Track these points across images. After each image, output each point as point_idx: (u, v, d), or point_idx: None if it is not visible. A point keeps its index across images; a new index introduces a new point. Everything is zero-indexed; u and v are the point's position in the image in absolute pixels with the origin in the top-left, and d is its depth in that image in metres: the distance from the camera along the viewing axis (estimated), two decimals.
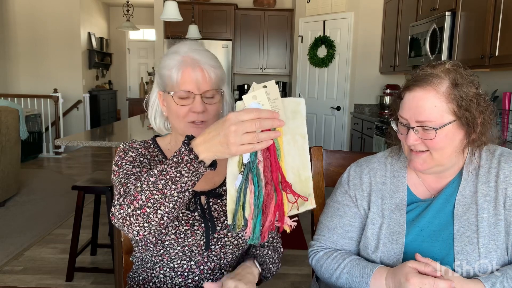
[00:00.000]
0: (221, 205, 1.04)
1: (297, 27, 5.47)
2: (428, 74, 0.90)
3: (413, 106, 0.90)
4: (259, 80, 4.21)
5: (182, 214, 1.00)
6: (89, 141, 2.43)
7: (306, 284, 2.43)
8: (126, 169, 0.95)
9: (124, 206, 0.80)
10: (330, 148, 3.33)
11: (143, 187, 0.79)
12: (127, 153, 0.99)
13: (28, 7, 6.85)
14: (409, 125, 0.91)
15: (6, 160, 3.80)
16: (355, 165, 1.09)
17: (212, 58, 0.99)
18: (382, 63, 4.79)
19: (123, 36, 8.95)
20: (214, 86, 0.98)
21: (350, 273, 0.96)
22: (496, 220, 0.91)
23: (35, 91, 6.69)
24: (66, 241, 2.96)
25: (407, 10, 4.03)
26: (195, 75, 0.94)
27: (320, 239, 1.07)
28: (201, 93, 0.96)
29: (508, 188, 0.92)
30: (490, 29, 2.59)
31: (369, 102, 4.98)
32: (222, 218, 1.03)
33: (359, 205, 1.04)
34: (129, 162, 0.97)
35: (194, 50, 0.97)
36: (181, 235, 0.98)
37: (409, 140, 0.91)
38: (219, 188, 1.06)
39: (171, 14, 3.49)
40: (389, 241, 0.97)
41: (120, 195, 0.85)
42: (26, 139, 4.93)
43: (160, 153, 1.06)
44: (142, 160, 0.99)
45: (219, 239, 1.01)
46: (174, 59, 0.97)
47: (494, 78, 3.02)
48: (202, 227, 1.00)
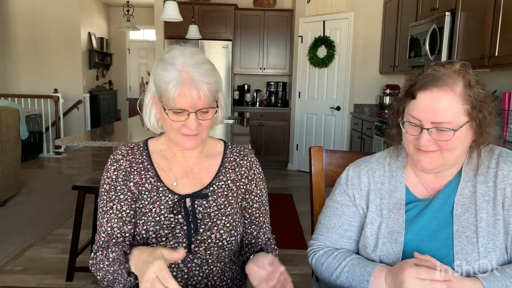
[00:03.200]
0: (206, 207, 1.05)
1: (297, 27, 5.48)
2: (443, 74, 0.89)
3: (429, 106, 0.88)
4: (259, 80, 4.22)
5: (164, 218, 1.02)
6: (89, 141, 2.43)
7: (306, 284, 2.43)
8: (102, 201, 1.05)
9: (92, 269, 1.03)
10: (330, 148, 3.33)
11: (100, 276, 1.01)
12: (108, 170, 1.07)
13: (28, 7, 6.85)
14: (423, 126, 0.89)
15: (6, 160, 3.81)
16: (353, 165, 1.09)
17: (208, 73, 0.96)
18: (382, 63, 4.80)
19: (123, 36, 8.95)
20: (209, 103, 0.97)
21: (350, 271, 0.96)
22: (495, 220, 0.91)
23: (35, 91, 6.70)
24: (66, 241, 2.96)
25: (407, 10, 4.04)
26: (191, 94, 0.94)
27: (319, 238, 1.08)
28: (196, 111, 0.96)
29: (506, 188, 0.92)
30: (490, 29, 2.59)
31: (369, 102, 4.98)
32: (206, 219, 1.04)
33: (357, 205, 1.04)
34: (105, 191, 1.05)
35: (191, 65, 0.95)
36: (162, 239, 1.01)
37: (423, 141, 0.89)
38: (206, 189, 1.07)
39: (171, 14, 3.49)
40: (388, 240, 0.97)
41: (95, 243, 1.04)
42: (26, 139, 4.93)
43: (146, 158, 1.09)
44: (116, 186, 1.05)
45: (203, 241, 1.02)
46: (170, 72, 0.94)
47: (494, 78, 3.02)
48: (184, 230, 1.02)
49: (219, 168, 1.11)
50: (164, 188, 1.06)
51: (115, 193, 1.05)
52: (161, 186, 1.06)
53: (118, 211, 1.03)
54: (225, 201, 1.07)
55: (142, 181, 1.06)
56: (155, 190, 1.05)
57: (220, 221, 1.04)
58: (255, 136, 5.73)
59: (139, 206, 1.05)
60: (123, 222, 1.03)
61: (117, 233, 1.02)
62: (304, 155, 5.55)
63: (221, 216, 1.05)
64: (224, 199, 1.08)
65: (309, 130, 5.51)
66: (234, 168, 1.12)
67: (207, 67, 0.97)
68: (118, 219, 1.03)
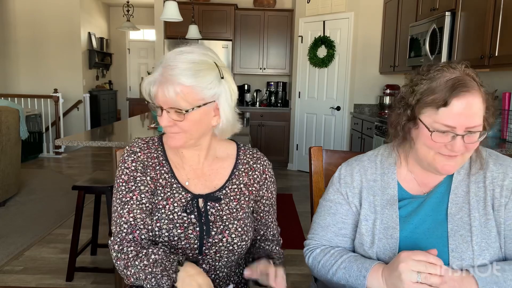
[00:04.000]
0: (218, 209, 1.04)
1: (297, 27, 5.48)
2: (463, 78, 0.88)
3: (464, 112, 0.86)
4: (259, 80, 4.22)
5: (177, 217, 1.01)
6: (89, 141, 2.43)
7: (306, 284, 2.42)
8: (121, 192, 1.02)
9: (118, 262, 0.98)
10: (330, 148, 3.33)
11: (131, 272, 0.96)
12: (126, 160, 1.04)
13: (28, 7, 6.85)
14: (456, 132, 0.87)
15: (6, 160, 3.81)
16: (345, 164, 1.10)
17: (185, 73, 0.93)
18: (382, 63, 4.80)
19: (123, 36, 8.96)
20: (185, 104, 0.95)
21: (347, 268, 0.96)
22: (486, 219, 0.93)
23: (35, 91, 6.69)
24: (66, 241, 2.96)
25: (407, 10, 4.04)
26: (163, 91, 0.94)
27: (314, 237, 1.08)
28: (166, 108, 0.96)
29: (495, 190, 0.94)
30: (490, 29, 2.59)
31: (369, 102, 4.98)
32: (218, 222, 1.03)
33: (350, 202, 1.05)
34: (124, 182, 1.02)
35: (171, 63, 0.95)
36: (175, 238, 1.00)
37: (456, 147, 0.88)
38: (218, 191, 1.06)
39: (171, 14, 3.49)
40: (384, 236, 0.98)
41: (115, 234, 1.00)
42: (26, 139, 4.94)
43: (162, 153, 1.07)
44: (135, 177, 1.03)
45: (214, 243, 1.02)
46: (157, 69, 0.98)
47: (493, 78, 3.02)
48: (197, 231, 1.01)
49: (232, 171, 1.10)
50: (178, 185, 1.04)
51: (135, 183, 1.02)
52: (175, 183, 1.05)
53: (139, 202, 1.01)
54: (237, 205, 1.07)
55: (157, 177, 1.04)
56: (169, 186, 1.04)
57: (232, 225, 1.04)
58: (255, 136, 5.73)
59: (154, 202, 1.03)
60: (145, 214, 1.00)
61: (140, 224, 0.99)
62: (304, 155, 5.55)
63: (233, 220, 1.04)
64: (236, 203, 1.07)
65: (309, 130, 5.51)
66: (247, 171, 1.11)
67: (187, 67, 0.94)
68: (140, 210, 1.00)
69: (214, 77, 0.97)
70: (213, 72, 0.97)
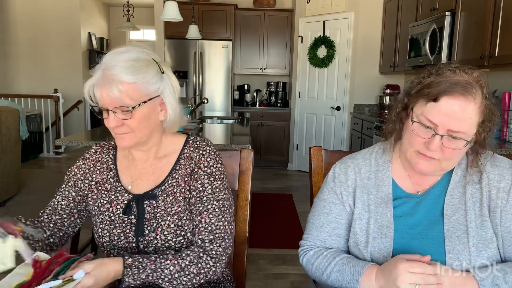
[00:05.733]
0: (154, 207, 1.05)
1: (297, 27, 5.48)
2: (467, 82, 0.86)
3: (450, 113, 0.85)
4: (259, 80, 4.22)
5: (118, 218, 1.05)
6: (90, 141, 2.43)
7: (306, 284, 2.42)
8: (64, 182, 1.15)
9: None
10: (330, 148, 3.33)
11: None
12: (75, 164, 1.17)
13: (28, 7, 6.85)
14: (437, 131, 0.86)
15: (6, 160, 3.81)
16: (340, 163, 1.09)
17: (127, 71, 0.94)
18: (382, 63, 4.80)
19: (123, 36, 8.95)
20: (129, 102, 0.95)
21: (340, 271, 0.96)
22: (482, 221, 0.92)
23: (35, 91, 6.69)
24: None
25: (407, 10, 4.04)
26: (107, 92, 0.94)
27: (308, 238, 1.08)
28: (112, 109, 0.96)
29: (491, 191, 0.93)
30: (490, 29, 2.59)
31: (369, 102, 4.99)
32: (152, 220, 1.04)
33: (344, 202, 1.04)
34: (65, 177, 1.16)
35: (111, 63, 0.96)
36: (115, 238, 1.04)
37: (432, 146, 0.87)
38: (157, 188, 1.06)
39: (171, 14, 3.49)
40: (378, 236, 0.97)
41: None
42: (26, 139, 4.93)
43: (112, 157, 1.13)
44: (68, 182, 1.15)
45: (149, 241, 1.03)
46: (96, 73, 0.98)
47: (493, 78, 3.02)
48: (133, 230, 1.04)
49: (173, 166, 1.08)
50: (121, 188, 1.08)
51: (65, 186, 1.13)
52: (119, 186, 1.08)
53: (60, 197, 1.14)
54: (173, 199, 1.05)
55: (103, 181, 1.09)
56: (114, 190, 1.08)
57: (164, 221, 1.03)
58: (255, 136, 5.73)
59: (98, 205, 1.08)
60: (56, 211, 1.12)
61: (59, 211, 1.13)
62: (304, 155, 5.55)
63: (166, 216, 1.03)
64: (172, 197, 1.05)
65: (309, 130, 5.51)
66: (186, 163, 1.08)
67: (127, 65, 0.95)
68: (55, 207, 1.12)
69: (155, 72, 0.99)
70: (153, 67, 0.99)
